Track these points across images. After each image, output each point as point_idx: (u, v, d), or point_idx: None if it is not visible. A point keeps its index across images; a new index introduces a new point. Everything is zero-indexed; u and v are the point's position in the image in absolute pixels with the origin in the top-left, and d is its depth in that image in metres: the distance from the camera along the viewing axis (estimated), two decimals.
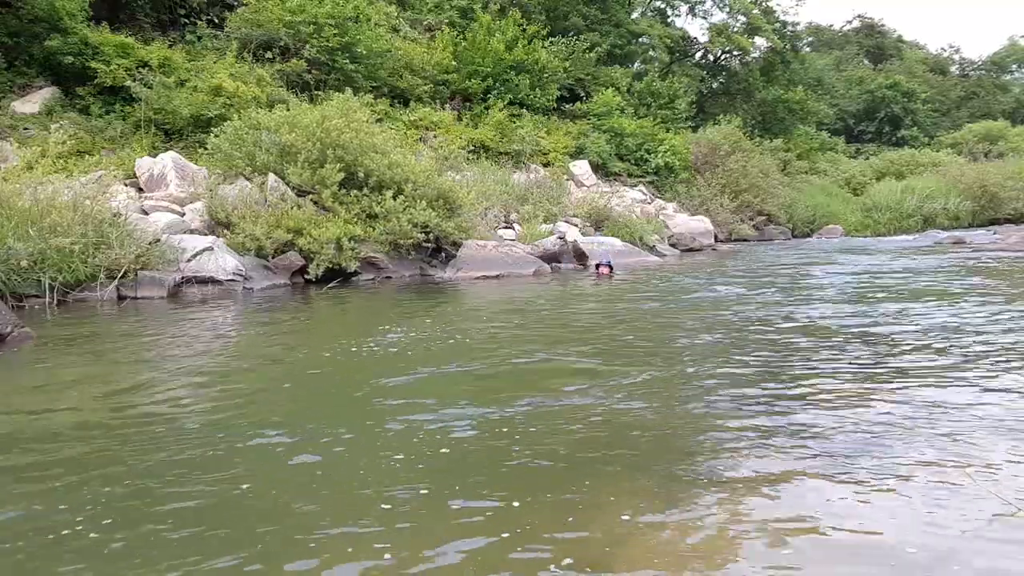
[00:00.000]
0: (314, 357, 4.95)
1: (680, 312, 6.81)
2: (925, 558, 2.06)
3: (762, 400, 3.57)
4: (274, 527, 2.27)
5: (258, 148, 10.20)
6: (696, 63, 30.75)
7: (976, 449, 2.84)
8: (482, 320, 6.88)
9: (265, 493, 2.53)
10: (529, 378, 4.18)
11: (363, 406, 3.68)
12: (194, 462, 2.82)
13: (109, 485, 2.63)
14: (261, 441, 3.14)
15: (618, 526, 2.24)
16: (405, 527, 2.24)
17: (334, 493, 2.53)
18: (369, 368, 4.61)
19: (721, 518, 2.29)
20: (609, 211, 15.07)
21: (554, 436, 3.07)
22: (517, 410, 3.44)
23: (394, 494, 2.48)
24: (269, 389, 4.07)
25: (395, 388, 3.98)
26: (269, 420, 3.43)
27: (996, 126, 36.92)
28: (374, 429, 3.24)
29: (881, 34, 49.47)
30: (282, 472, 2.73)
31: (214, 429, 3.24)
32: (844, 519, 2.28)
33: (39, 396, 3.82)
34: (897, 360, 4.39)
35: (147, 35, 14.25)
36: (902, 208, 23.31)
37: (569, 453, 2.87)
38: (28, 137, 10.80)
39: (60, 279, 7.13)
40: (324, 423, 3.38)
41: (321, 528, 2.25)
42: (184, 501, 2.45)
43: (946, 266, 10.82)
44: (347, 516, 2.34)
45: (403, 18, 19.21)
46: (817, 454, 2.82)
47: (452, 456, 2.85)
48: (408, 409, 3.54)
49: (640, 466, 2.73)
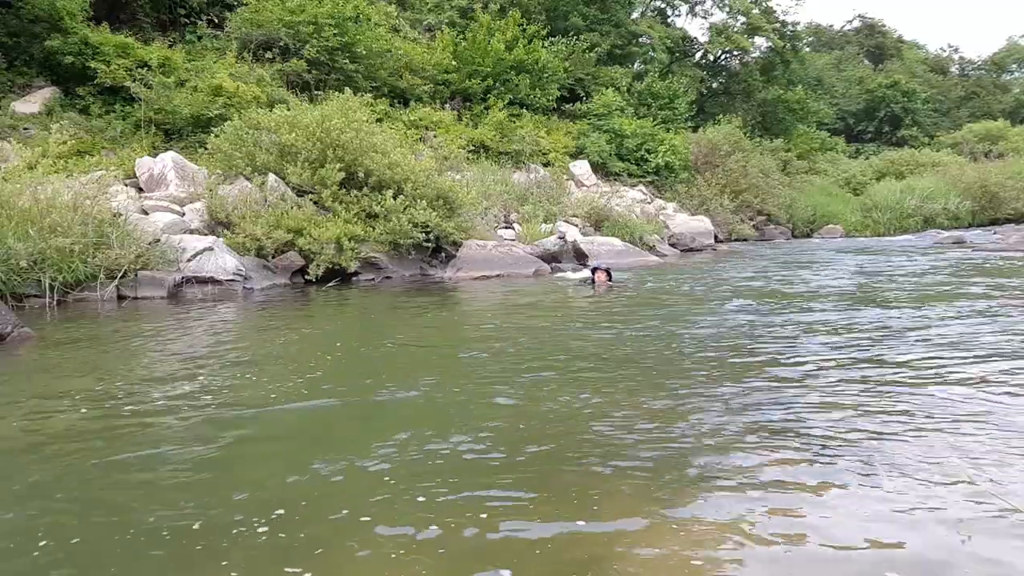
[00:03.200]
0: (315, 357, 4.95)
1: (680, 311, 6.81)
2: (925, 558, 2.06)
3: (762, 401, 3.57)
4: (272, 528, 2.27)
5: (258, 148, 10.20)
6: (696, 63, 30.75)
7: (976, 450, 2.84)
8: (482, 320, 6.88)
9: (265, 494, 2.53)
10: (529, 378, 4.17)
11: (364, 406, 3.68)
12: (194, 463, 2.82)
13: (109, 485, 2.63)
14: (261, 441, 3.14)
15: (619, 526, 2.24)
16: (406, 529, 2.24)
17: (335, 493, 2.53)
18: (369, 368, 4.61)
19: (720, 519, 2.29)
20: (609, 211, 15.07)
21: (553, 437, 3.07)
22: (516, 410, 3.44)
23: (390, 498, 2.48)
24: (269, 390, 4.07)
25: (395, 389, 3.98)
26: (269, 421, 3.43)
27: (996, 126, 36.92)
28: (374, 429, 3.24)
29: (881, 34, 49.48)
30: (283, 473, 2.73)
31: (214, 430, 3.23)
32: (843, 520, 2.28)
33: (38, 396, 3.82)
34: (897, 361, 4.38)
35: (147, 35, 14.27)
36: (902, 208, 23.30)
37: (568, 454, 2.87)
38: (28, 137, 10.81)
39: (60, 279, 7.13)
40: (324, 423, 3.38)
41: (320, 529, 2.25)
42: (184, 501, 2.45)
43: (946, 266, 10.82)
44: (348, 516, 2.34)
45: (403, 18, 19.22)
46: (817, 455, 2.82)
47: (451, 459, 2.85)
48: (409, 409, 3.53)
49: (640, 467, 2.73)
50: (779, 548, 2.10)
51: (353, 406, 3.68)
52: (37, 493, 2.56)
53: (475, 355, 4.87)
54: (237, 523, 2.29)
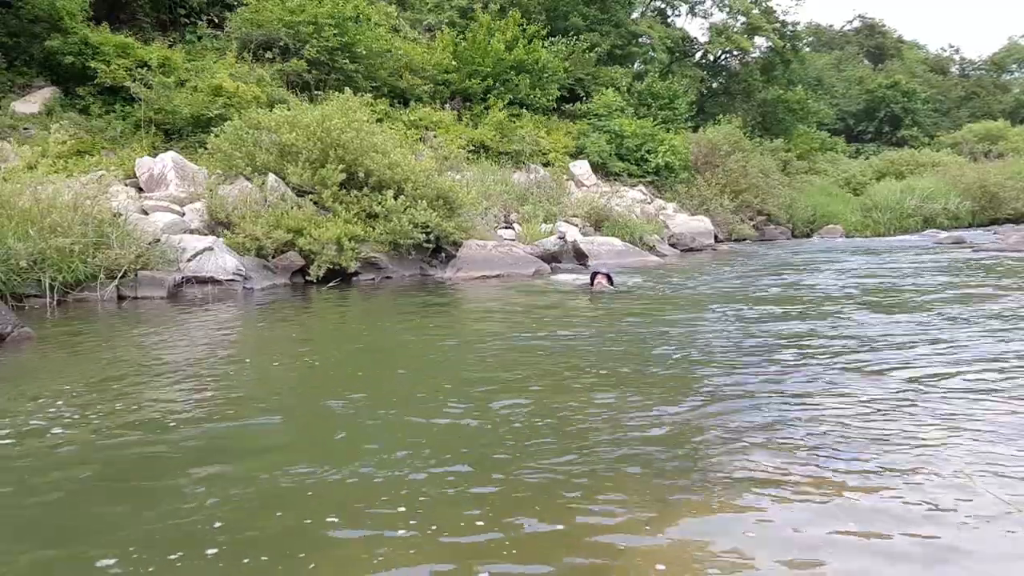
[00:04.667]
0: (315, 358, 4.95)
1: (678, 314, 6.81)
2: (925, 559, 2.06)
3: (762, 403, 3.57)
4: (270, 530, 2.27)
5: (258, 148, 10.20)
6: (696, 63, 30.74)
7: (976, 450, 2.84)
8: (481, 321, 6.88)
9: (265, 496, 2.53)
10: (527, 380, 4.17)
11: (365, 408, 3.68)
12: (194, 463, 2.82)
13: (108, 484, 2.62)
14: (261, 442, 3.14)
15: (618, 528, 2.24)
16: (403, 532, 2.24)
17: (335, 493, 2.53)
18: (371, 369, 4.61)
19: (722, 520, 2.29)
20: (609, 211, 15.06)
21: (552, 438, 3.07)
22: (513, 411, 3.44)
23: (388, 500, 2.48)
24: (270, 391, 4.07)
25: (395, 388, 3.98)
26: (270, 422, 3.43)
27: (996, 126, 36.91)
28: (375, 430, 3.24)
29: (881, 34, 49.49)
30: (282, 476, 2.73)
31: (214, 430, 3.23)
32: (843, 520, 2.28)
33: (38, 396, 3.82)
34: (896, 361, 4.38)
35: (147, 35, 14.26)
36: (902, 208, 23.29)
37: (568, 455, 2.87)
38: (28, 137, 10.81)
39: (60, 279, 7.13)
40: (326, 424, 3.38)
41: (321, 527, 2.25)
42: (184, 502, 2.45)
43: (946, 266, 10.82)
44: (350, 517, 2.34)
45: (403, 18, 19.22)
46: (816, 456, 2.81)
47: (453, 457, 2.85)
48: (410, 409, 3.53)
49: (641, 468, 2.73)
50: (778, 548, 2.10)
51: (355, 407, 3.68)
52: (35, 492, 2.56)
53: (475, 358, 4.87)
54: (236, 523, 2.29)
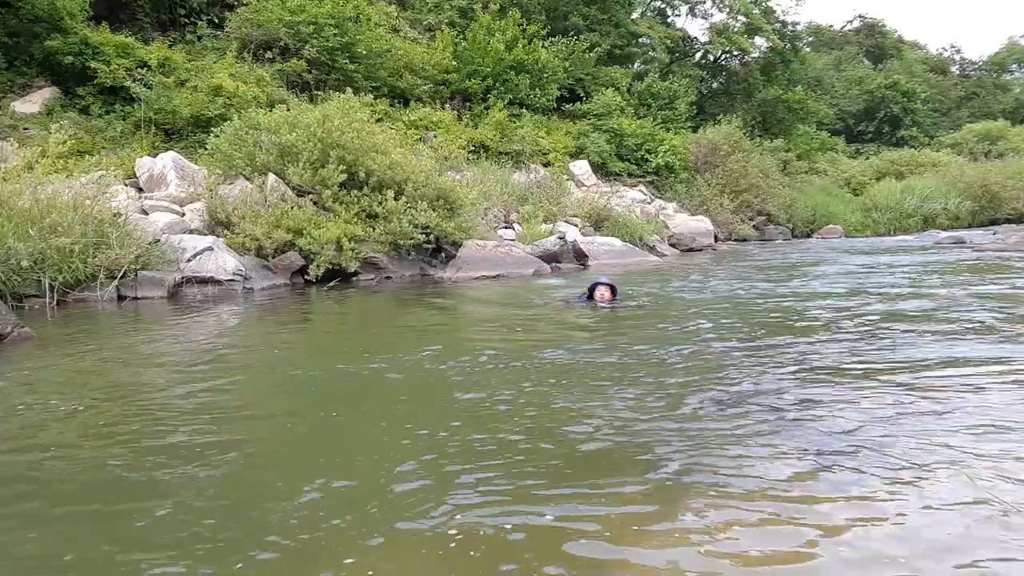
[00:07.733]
0: (315, 358, 4.95)
1: (678, 314, 6.81)
2: (923, 559, 2.06)
3: (762, 404, 3.57)
4: (270, 531, 2.26)
5: (258, 148, 10.20)
6: (696, 63, 30.75)
7: (975, 450, 2.84)
8: (481, 321, 6.87)
9: (264, 497, 2.53)
10: (526, 381, 4.17)
11: (365, 408, 3.68)
12: (194, 463, 2.81)
13: (108, 485, 2.62)
14: (262, 443, 3.14)
15: (619, 528, 2.24)
16: (397, 537, 2.24)
17: (335, 493, 2.53)
18: (371, 369, 4.60)
19: (721, 521, 2.29)
20: (609, 211, 15.07)
21: (551, 438, 3.07)
22: (512, 412, 3.44)
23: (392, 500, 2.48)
24: (269, 392, 4.07)
25: (395, 387, 3.98)
26: (270, 422, 3.43)
27: (996, 126, 36.92)
28: (374, 430, 3.24)
29: (881, 34, 49.46)
30: (282, 478, 2.73)
31: (213, 430, 3.23)
32: (843, 520, 2.28)
33: (38, 396, 3.82)
34: (896, 361, 4.38)
35: (147, 35, 14.28)
36: (902, 208, 23.30)
37: (568, 455, 2.87)
38: (28, 137, 10.81)
39: (60, 279, 7.13)
40: (326, 424, 3.37)
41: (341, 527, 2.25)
42: (183, 503, 2.45)
43: (946, 266, 10.82)
44: (352, 518, 2.34)
45: (403, 18, 19.23)
46: (815, 457, 2.81)
47: (452, 457, 2.85)
48: (410, 409, 3.53)
49: (640, 469, 2.73)
50: (777, 549, 2.10)
51: (354, 407, 3.69)
52: (33, 493, 2.56)
53: (475, 361, 4.87)
54: (235, 524, 2.29)
